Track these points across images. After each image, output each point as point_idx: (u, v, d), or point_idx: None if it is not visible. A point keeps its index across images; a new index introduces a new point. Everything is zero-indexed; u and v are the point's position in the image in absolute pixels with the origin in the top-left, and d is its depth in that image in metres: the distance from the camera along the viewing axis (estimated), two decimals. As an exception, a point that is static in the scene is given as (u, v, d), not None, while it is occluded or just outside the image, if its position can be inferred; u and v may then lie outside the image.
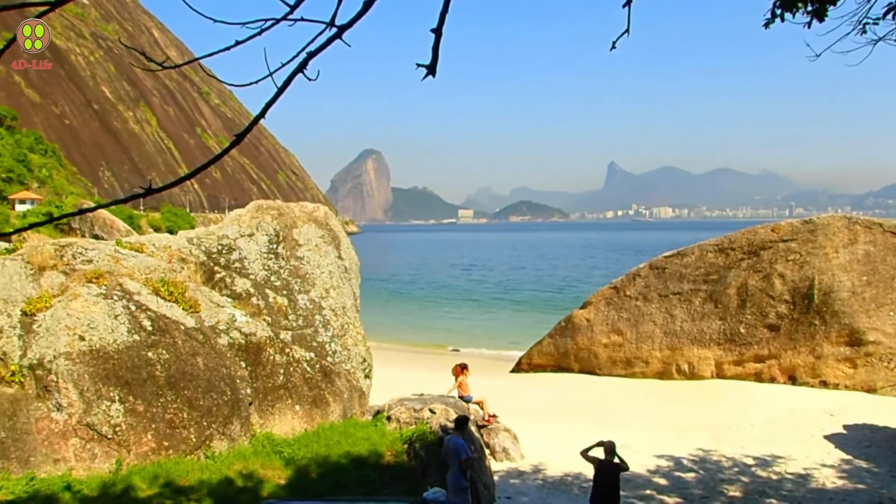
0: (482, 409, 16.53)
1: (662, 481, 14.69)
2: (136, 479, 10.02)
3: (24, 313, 10.90)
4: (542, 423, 18.88)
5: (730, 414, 20.21)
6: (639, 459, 15.53)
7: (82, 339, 10.66)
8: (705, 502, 13.51)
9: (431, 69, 2.61)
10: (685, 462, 15.93)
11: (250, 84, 2.60)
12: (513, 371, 28.72)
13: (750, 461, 15.95)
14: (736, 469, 15.45)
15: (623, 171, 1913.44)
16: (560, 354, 27.58)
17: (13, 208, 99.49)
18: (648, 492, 14.03)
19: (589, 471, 12.08)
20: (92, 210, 3.16)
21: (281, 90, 2.48)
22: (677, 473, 15.18)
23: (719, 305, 24.88)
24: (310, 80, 2.44)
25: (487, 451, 15.04)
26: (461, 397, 15.86)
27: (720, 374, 24.55)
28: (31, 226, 3.66)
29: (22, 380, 10.32)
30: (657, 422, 19.55)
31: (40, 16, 2.90)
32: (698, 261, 26.02)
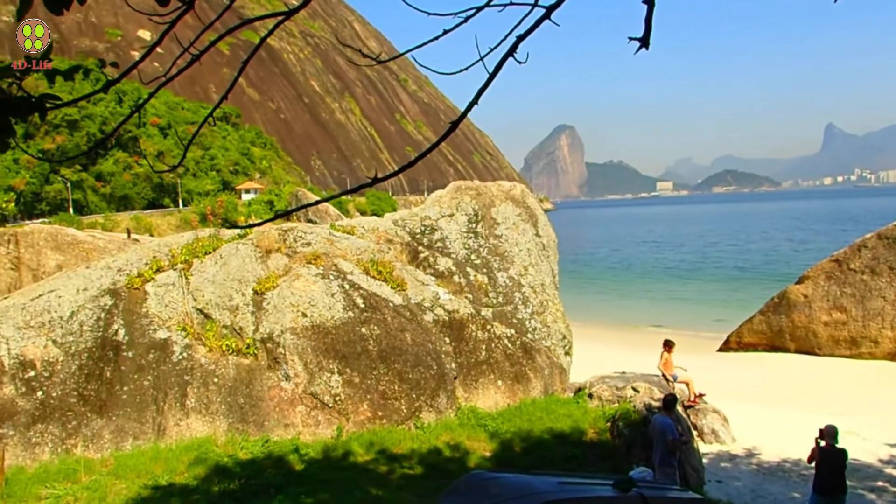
0: (689, 389, 15.91)
1: (897, 473, 13.32)
2: (354, 444, 10.79)
3: (255, 292, 12.07)
4: (755, 406, 17.80)
5: (981, 401, 17.82)
6: (868, 447, 14.19)
7: (304, 315, 11.61)
8: (951, 499, 12.07)
9: (644, 42, 2.52)
10: (925, 453, 14.30)
11: (461, 71, 2.67)
12: (720, 350, 27.30)
13: None
14: None
15: (843, 132, 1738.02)
16: (773, 333, 25.79)
17: (240, 197, 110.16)
18: (880, 483, 12.78)
19: (810, 457, 11.23)
20: (328, 200, 3.42)
21: (493, 75, 2.52)
22: (915, 465, 13.68)
23: (966, 279, 21.95)
24: (519, 63, 2.46)
25: (695, 433, 14.47)
26: (664, 376, 15.40)
27: (968, 357, 21.71)
28: (271, 219, 4.09)
29: (256, 352, 11.47)
30: (889, 407, 17.69)
31: (279, 23, 3.16)
32: (939, 229, 23.11)
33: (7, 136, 2.63)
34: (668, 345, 15.87)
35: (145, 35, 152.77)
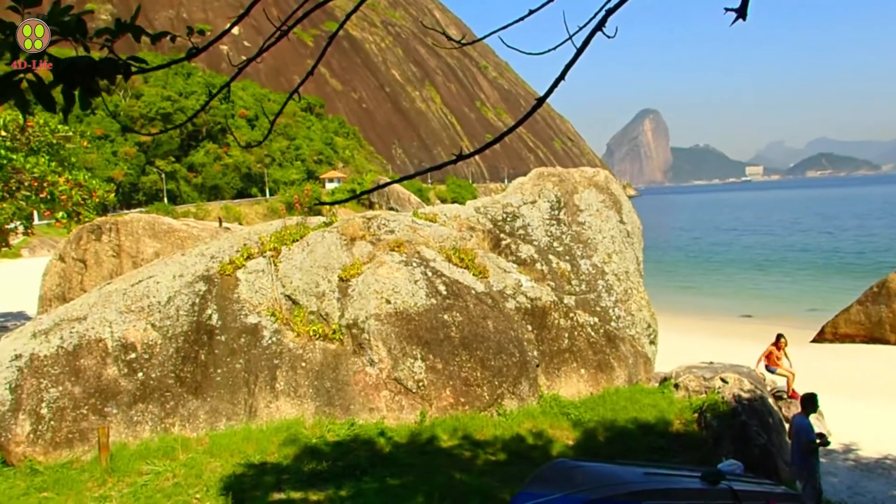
0: (788, 383, 15.47)
1: None
2: (438, 430, 10.91)
3: (341, 279, 12.33)
4: (853, 400, 17.03)
5: None
6: (979, 446, 13.39)
7: (388, 302, 11.79)
8: None
9: (741, 12, 2.43)
10: None
11: (549, 51, 2.64)
12: (814, 341, 26.24)
13: None
14: None
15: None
16: (872, 324, 24.58)
17: (324, 186, 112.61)
18: None
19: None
20: (409, 178, 3.47)
21: (580, 50, 2.48)
22: None
23: None
24: (608, 37, 2.41)
25: (787, 426, 13.98)
26: (766, 367, 15.15)
27: None
28: (349, 198, 4.16)
29: (341, 337, 11.73)
30: None
31: (359, 4, 3.21)
32: None
33: (92, 97, 2.76)
34: (778, 339, 15.70)
35: (234, 30, 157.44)
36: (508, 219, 14.94)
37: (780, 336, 15.83)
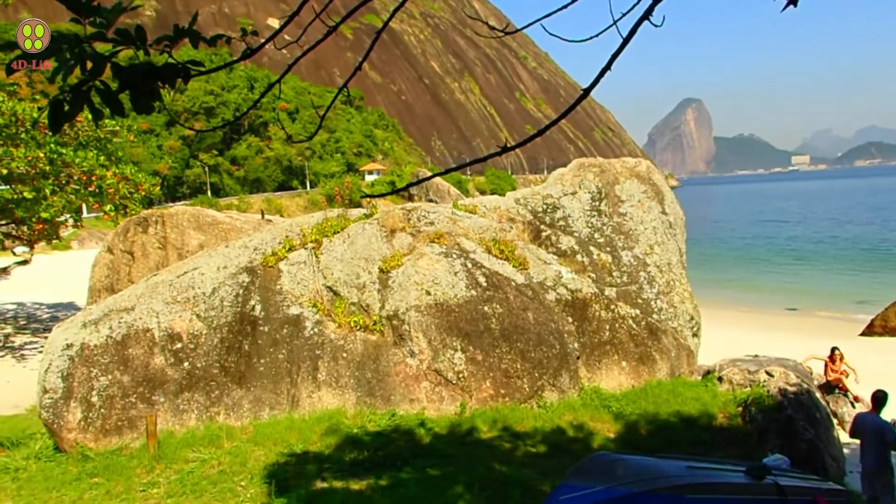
0: (844, 378, 15.19)
1: None
2: (478, 421, 10.93)
3: (381, 270, 12.39)
4: (902, 395, 16.57)
5: None
6: None
7: (428, 293, 11.82)
8: None
9: (793, -2, 2.37)
10: None
11: (592, 38, 2.61)
12: (863, 334, 25.61)
13: None
14: None
15: None
16: (925, 317, 23.91)
17: (363, 178, 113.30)
18: None
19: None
20: (453, 171, 3.48)
21: (627, 39, 2.44)
22: None
23: None
24: (656, 26, 2.37)
25: (835, 421, 13.70)
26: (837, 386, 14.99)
27: None
28: (389, 192, 4.20)
29: (382, 328, 11.81)
30: None
31: (397, 8, 3.21)
32: None
33: (154, 101, 2.84)
34: (832, 352, 15.41)
35: (274, 23, 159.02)
36: (549, 210, 14.84)
37: (833, 349, 15.50)
